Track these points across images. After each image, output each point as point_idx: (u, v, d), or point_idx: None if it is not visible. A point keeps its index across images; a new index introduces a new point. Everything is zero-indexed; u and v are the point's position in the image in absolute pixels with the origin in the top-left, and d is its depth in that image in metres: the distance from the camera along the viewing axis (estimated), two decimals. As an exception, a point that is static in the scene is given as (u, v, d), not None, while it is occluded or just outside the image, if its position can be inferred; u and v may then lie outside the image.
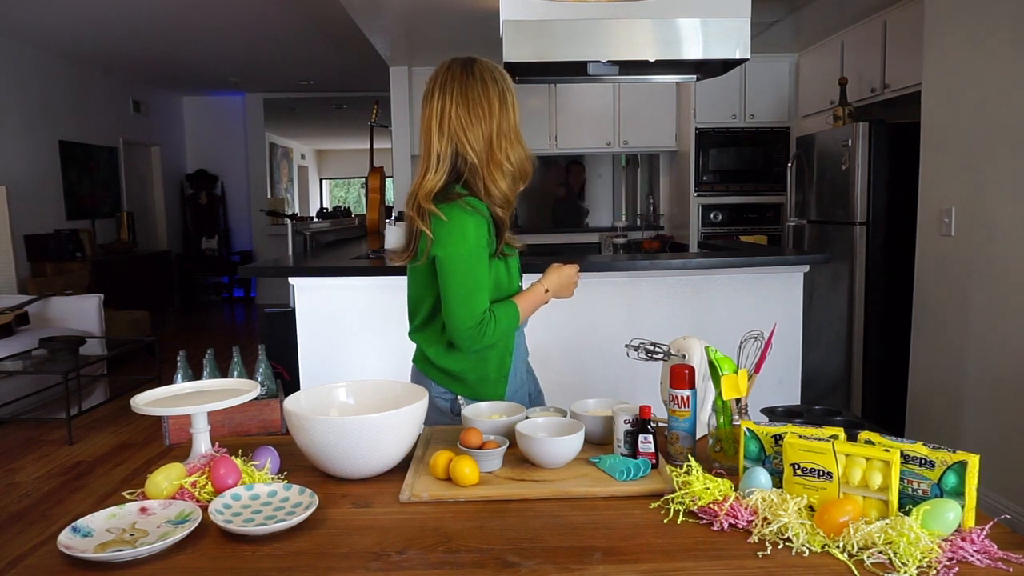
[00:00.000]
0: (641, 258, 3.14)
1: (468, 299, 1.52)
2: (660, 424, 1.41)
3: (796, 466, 1.14)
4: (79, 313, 5.34)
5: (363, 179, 5.58)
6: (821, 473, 1.11)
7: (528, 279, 1.69)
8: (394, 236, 3.61)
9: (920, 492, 1.08)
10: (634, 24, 2.76)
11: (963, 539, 1.01)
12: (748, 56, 2.79)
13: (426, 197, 1.53)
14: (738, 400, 1.34)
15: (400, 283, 2.87)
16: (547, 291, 1.67)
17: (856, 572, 0.96)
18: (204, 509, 1.15)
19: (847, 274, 3.90)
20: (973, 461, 1.05)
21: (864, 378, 3.88)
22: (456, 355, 1.63)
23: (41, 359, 4.54)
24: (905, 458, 1.09)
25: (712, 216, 5.47)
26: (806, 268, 2.98)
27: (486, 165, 1.55)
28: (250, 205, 9.52)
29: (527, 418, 1.43)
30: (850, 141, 3.83)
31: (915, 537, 0.99)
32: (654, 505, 1.18)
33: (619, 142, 5.82)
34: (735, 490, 1.16)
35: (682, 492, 1.16)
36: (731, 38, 2.77)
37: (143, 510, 1.15)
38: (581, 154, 6.40)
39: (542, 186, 6.63)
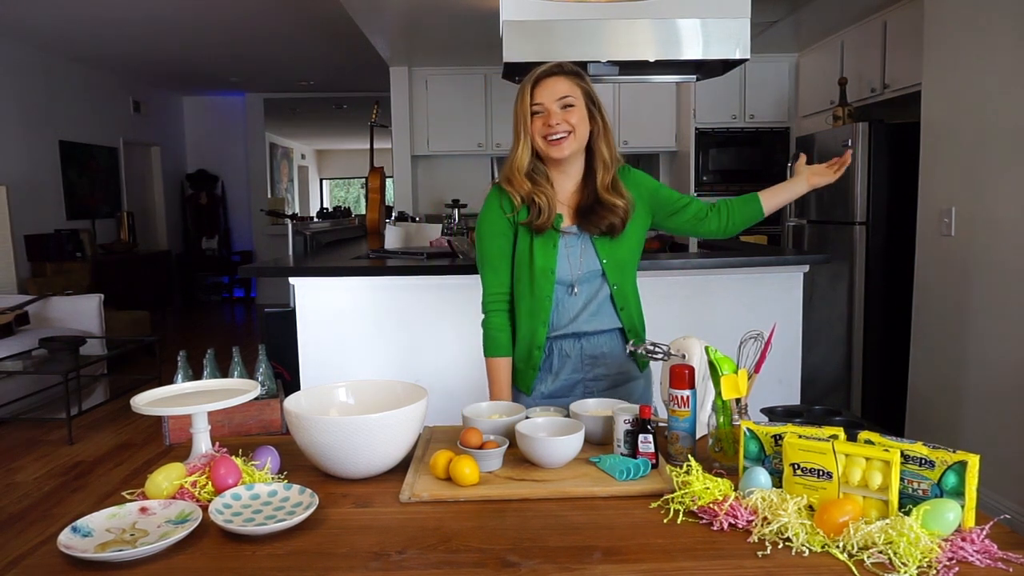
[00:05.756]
0: (641, 258, 3.13)
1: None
2: (660, 424, 1.41)
3: (796, 466, 1.14)
4: (79, 313, 5.34)
5: (363, 179, 5.58)
6: (821, 473, 1.11)
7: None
8: (394, 236, 3.61)
9: (920, 492, 1.08)
10: (634, 24, 2.76)
11: (963, 539, 1.01)
12: (748, 56, 2.80)
13: None
14: (738, 400, 1.34)
15: (399, 284, 2.87)
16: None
17: (856, 572, 0.96)
18: (204, 509, 1.14)
19: (847, 274, 3.90)
20: (973, 461, 1.05)
21: (864, 378, 3.88)
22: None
23: (41, 359, 4.54)
24: (905, 458, 1.09)
25: (712, 216, 5.47)
26: (806, 268, 2.98)
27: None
28: (250, 205, 9.52)
29: (527, 418, 1.43)
30: (850, 141, 3.83)
31: (915, 537, 0.99)
32: (654, 505, 1.18)
33: (619, 142, 5.82)
34: (735, 490, 1.16)
35: (682, 492, 1.16)
36: (731, 38, 2.77)
37: (143, 510, 1.15)
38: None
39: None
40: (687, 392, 1.35)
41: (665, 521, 1.12)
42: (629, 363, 1.77)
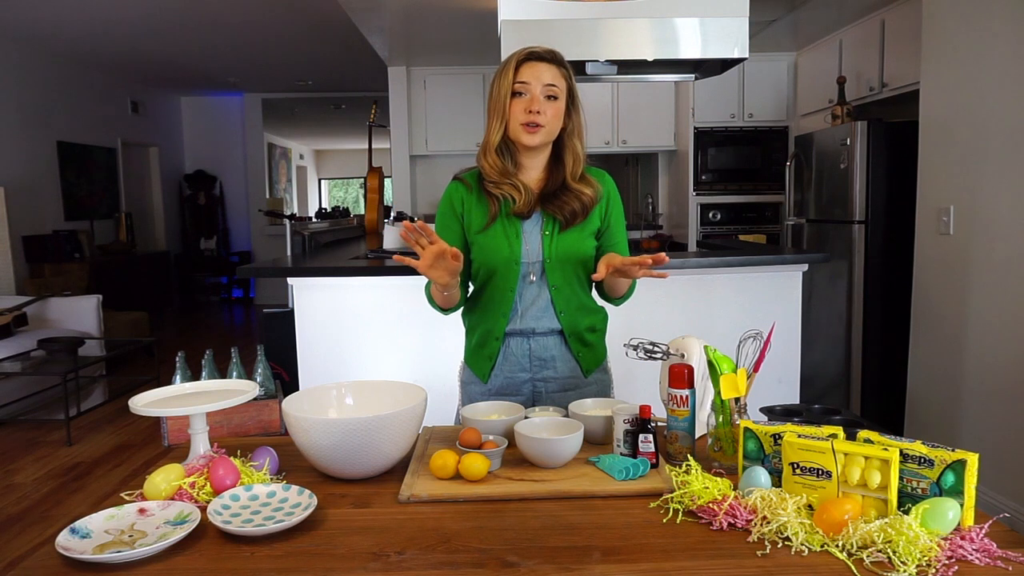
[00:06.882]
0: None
1: None
2: (659, 424, 1.41)
3: (795, 465, 1.14)
4: (78, 314, 5.33)
5: (362, 179, 5.58)
6: (820, 472, 1.11)
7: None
8: (393, 236, 3.61)
9: (919, 491, 1.08)
10: (632, 24, 2.76)
11: (962, 538, 1.01)
12: (746, 55, 2.80)
13: None
14: (737, 399, 1.34)
15: (397, 283, 2.87)
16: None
17: (855, 571, 0.96)
18: (203, 510, 1.14)
19: (846, 273, 3.90)
20: (972, 460, 1.05)
21: (863, 377, 3.88)
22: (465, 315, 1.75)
23: (40, 360, 4.54)
24: (904, 457, 1.09)
25: (711, 215, 5.47)
26: (805, 267, 2.99)
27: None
28: (249, 205, 9.52)
29: (527, 418, 1.43)
30: (848, 140, 3.83)
31: (914, 536, 0.99)
32: (653, 505, 1.17)
33: (618, 141, 5.82)
34: (734, 489, 1.16)
35: (681, 491, 1.16)
36: (729, 37, 2.77)
37: (142, 511, 1.15)
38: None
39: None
40: (686, 392, 1.35)
41: (664, 521, 1.12)
42: (577, 369, 1.72)
